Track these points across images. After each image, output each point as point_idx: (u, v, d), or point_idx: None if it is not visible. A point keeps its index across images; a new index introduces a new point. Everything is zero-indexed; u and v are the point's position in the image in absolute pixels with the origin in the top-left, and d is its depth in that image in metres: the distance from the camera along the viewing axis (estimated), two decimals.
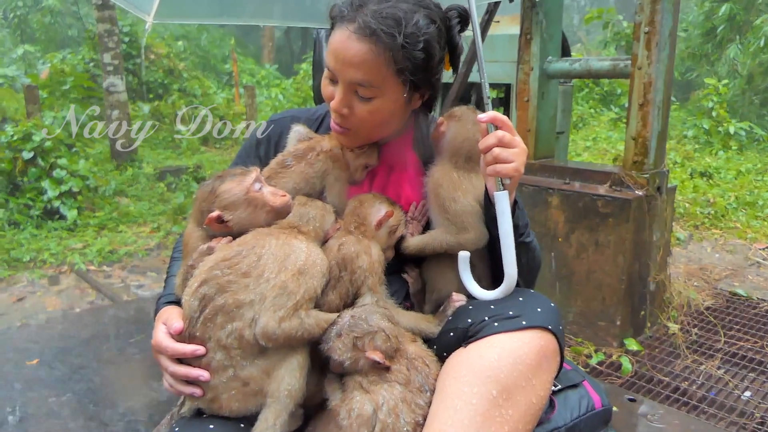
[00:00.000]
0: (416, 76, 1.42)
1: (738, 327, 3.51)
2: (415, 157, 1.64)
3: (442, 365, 1.33)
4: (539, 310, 1.32)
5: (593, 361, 3.10)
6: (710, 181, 7.26)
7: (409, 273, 1.58)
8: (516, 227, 1.40)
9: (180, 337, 1.31)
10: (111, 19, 8.19)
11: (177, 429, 1.32)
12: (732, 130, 9.16)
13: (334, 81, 1.45)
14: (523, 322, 1.28)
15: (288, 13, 2.59)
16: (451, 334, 1.37)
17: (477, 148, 1.44)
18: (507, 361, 1.23)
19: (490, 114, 1.36)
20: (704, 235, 5.54)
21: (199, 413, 1.34)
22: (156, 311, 1.49)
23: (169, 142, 10.39)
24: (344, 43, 1.38)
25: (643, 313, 3.36)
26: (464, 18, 1.51)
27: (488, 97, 1.42)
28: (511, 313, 1.31)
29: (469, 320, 1.34)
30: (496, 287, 1.41)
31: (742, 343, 3.30)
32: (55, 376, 2.60)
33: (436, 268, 1.55)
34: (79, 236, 5.69)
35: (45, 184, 6.01)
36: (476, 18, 1.46)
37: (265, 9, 2.46)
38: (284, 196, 1.45)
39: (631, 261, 3.18)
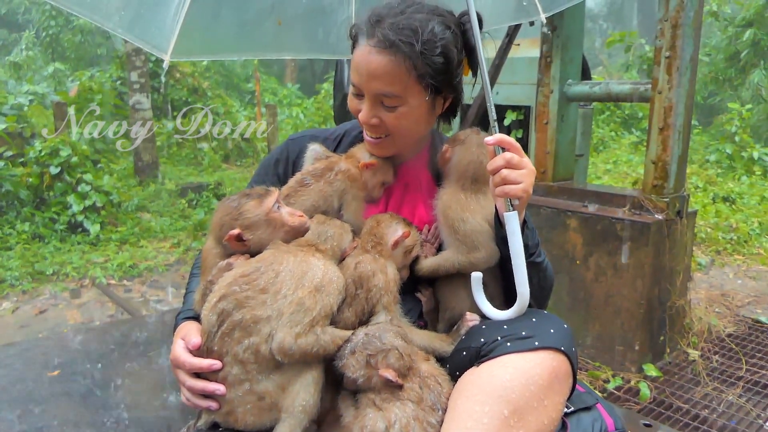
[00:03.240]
0: (437, 80, 1.48)
1: (760, 355, 3.46)
2: (430, 178, 1.67)
3: (454, 384, 1.34)
4: (552, 331, 1.33)
5: (611, 386, 3.07)
6: (733, 206, 7.18)
7: (423, 292, 1.60)
8: (526, 247, 1.42)
9: (198, 351, 1.34)
10: None
11: None
12: (756, 155, 9.06)
13: (360, 95, 1.51)
14: (536, 343, 1.29)
15: (301, 47, 2.70)
16: (464, 353, 1.37)
17: (482, 169, 1.48)
18: (519, 381, 1.23)
19: (497, 136, 1.39)
20: (726, 261, 5.48)
21: (215, 426, 1.36)
22: (175, 326, 1.52)
23: (191, 159, 10.54)
24: (366, 58, 1.44)
25: (662, 338, 3.32)
26: (479, 21, 1.55)
27: (494, 120, 1.45)
28: (523, 333, 1.31)
29: (482, 340, 1.35)
30: (509, 307, 1.42)
31: (764, 372, 3.24)
32: (74, 388, 2.64)
33: (448, 287, 1.56)
34: (101, 250, 5.78)
35: (70, 198, 6.14)
36: (479, 36, 1.49)
37: (280, 43, 2.55)
38: (301, 216, 1.48)
39: (651, 285, 3.15)
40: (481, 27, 1.53)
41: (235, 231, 1.42)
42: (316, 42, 2.60)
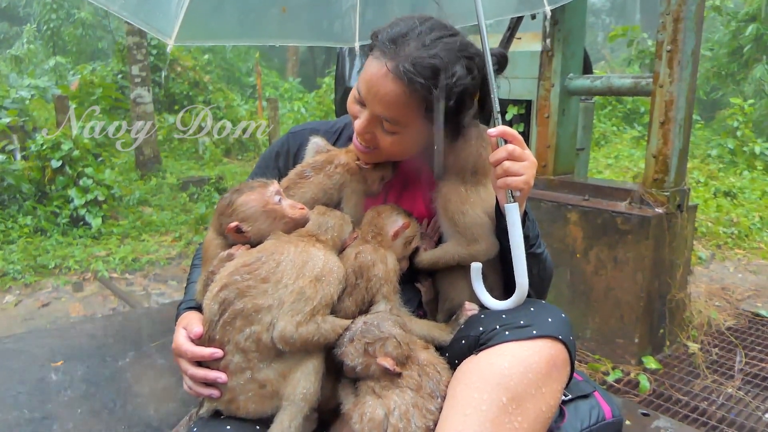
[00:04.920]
0: (444, 119, 1.43)
1: (760, 348, 3.47)
2: (429, 173, 1.67)
3: (453, 372, 1.35)
4: (550, 320, 1.34)
5: (610, 379, 3.09)
6: (734, 200, 7.18)
7: (423, 283, 1.61)
8: (527, 238, 1.43)
9: (200, 340, 1.36)
10: (140, 32, 8.38)
11: (195, 429, 1.36)
12: (757, 150, 9.06)
13: (362, 103, 1.47)
14: (534, 332, 1.30)
15: (306, 34, 2.67)
16: (463, 341, 1.39)
17: (482, 161, 1.49)
18: (517, 369, 1.25)
19: (500, 128, 1.39)
20: (727, 255, 5.48)
21: (217, 414, 1.38)
22: (177, 316, 1.54)
23: (192, 153, 10.55)
24: (379, 79, 1.39)
25: (662, 331, 3.33)
26: (502, 63, 1.52)
27: (497, 112, 1.44)
28: (522, 322, 1.33)
29: (481, 329, 1.36)
30: (508, 297, 1.43)
31: (763, 365, 3.25)
32: (78, 378, 2.66)
33: (448, 278, 1.57)
34: (103, 244, 5.80)
35: (72, 192, 6.15)
36: (485, 33, 1.47)
37: (284, 30, 2.53)
38: (302, 208, 1.50)
39: (651, 279, 3.16)
40: (502, 69, 1.51)
41: (233, 224, 1.44)
42: (321, 30, 2.58)
